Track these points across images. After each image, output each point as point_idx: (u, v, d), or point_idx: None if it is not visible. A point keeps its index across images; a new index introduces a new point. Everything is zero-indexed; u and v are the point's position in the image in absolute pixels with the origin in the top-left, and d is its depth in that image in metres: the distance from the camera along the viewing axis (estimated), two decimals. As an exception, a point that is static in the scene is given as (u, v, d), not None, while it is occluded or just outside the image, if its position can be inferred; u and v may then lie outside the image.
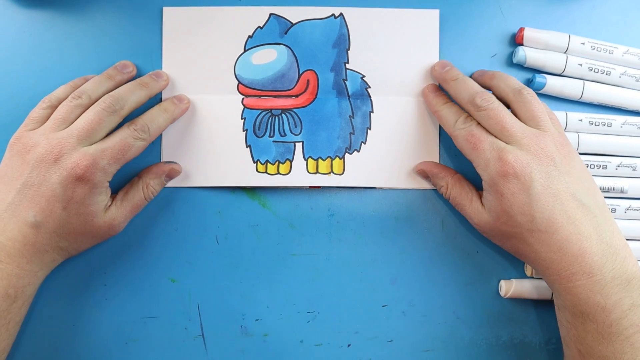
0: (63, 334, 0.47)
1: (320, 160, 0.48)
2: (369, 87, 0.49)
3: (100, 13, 0.49)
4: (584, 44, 0.48)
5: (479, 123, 0.44)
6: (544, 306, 0.49)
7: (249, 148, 0.48)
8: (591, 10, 0.50)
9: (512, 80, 0.46)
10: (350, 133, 0.48)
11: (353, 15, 0.49)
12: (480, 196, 0.45)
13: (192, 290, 0.48)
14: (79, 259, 0.46)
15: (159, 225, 0.48)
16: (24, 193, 0.41)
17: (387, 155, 0.49)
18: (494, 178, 0.41)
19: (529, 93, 0.44)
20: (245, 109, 0.48)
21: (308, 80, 0.48)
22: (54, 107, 0.44)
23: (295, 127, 0.48)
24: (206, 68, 0.48)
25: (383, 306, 0.49)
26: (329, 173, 0.48)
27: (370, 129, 0.48)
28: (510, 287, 0.47)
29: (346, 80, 0.49)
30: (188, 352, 0.48)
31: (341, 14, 0.49)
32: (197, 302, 0.48)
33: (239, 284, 0.48)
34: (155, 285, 0.48)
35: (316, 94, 0.48)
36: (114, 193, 0.45)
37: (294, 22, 0.48)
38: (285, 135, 0.48)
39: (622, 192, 0.49)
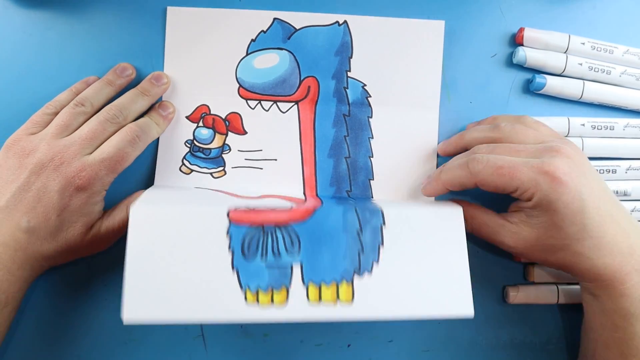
0: (63, 334, 0.47)
1: (323, 286, 0.39)
2: (370, 96, 0.49)
3: (101, 13, 0.48)
4: (584, 44, 0.49)
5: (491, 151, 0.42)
6: (544, 306, 0.49)
7: (235, 273, 0.38)
8: (591, 10, 0.50)
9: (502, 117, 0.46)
10: (359, 251, 0.39)
11: (357, 24, 0.48)
12: (505, 217, 0.42)
13: (193, 290, 0.48)
14: (79, 259, 0.46)
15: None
16: (19, 197, 0.40)
17: (407, 276, 0.39)
18: (548, 195, 0.38)
19: (504, 127, 0.43)
20: (232, 224, 0.39)
21: (309, 87, 0.48)
22: (57, 114, 0.44)
23: (292, 245, 0.39)
24: (208, 70, 0.48)
25: (383, 306, 0.49)
26: (335, 302, 0.38)
27: (382, 245, 0.39)
28: (516, 294, 0.47)
29: (347, 88, 0.48)
30: (188, 352, 0.48)
31: (345, 22, 0.48)
32: (197, 302, 0.48)
33: (239, 284, 0.48)
34: (155, 286, 0.48)
35: (317, 100, 0.48)
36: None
37: (297, 27, 0.48)
38: (281, 256, 0.39)
39: (625, 194, 0.49)
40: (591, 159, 0.48)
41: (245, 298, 0.37)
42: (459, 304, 0.39)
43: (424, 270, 0.39)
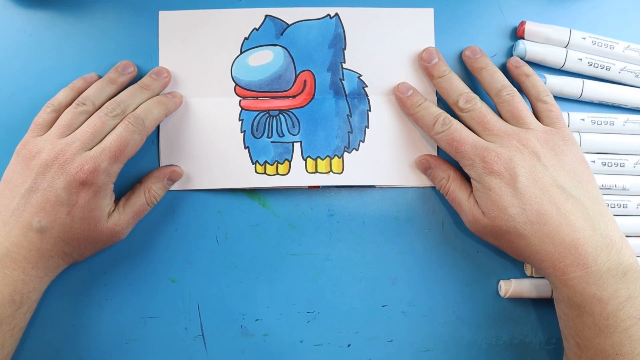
0: (63, 334, 0.47)
1: (319, 160, 0.48)
2: (366, 86, 0.49)
3: (100, 13, 0.49)
4: (584, 38, 0.48)
5: (458, 120, 0.45)
6: (544, 306, 0.49)
7: (247, 149, 0.48)
8: (591, 10, 0.50)
9: (497, 77, 0.46)
10: (349, 132, 0.48)
11: (348, 15, 0.48)
12: (470, 191, 0.45)
13: (192, 290, 0.48)
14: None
15: (159, 225, 0.48)
16: (28, 198, 0.41)
17: (387, 153, 0.48)
18: (481, 176, 0.42)
19: (508, 93, 0.45)
20: (243, 110, 0.48)
21: (305, 81, 0.48)
22: (57, 112, 0.44)
23: (294, 127, 0.48)
24: (203, 70, 0.48)
25: (383, 306, 0.49)
26: (328, 172, 0.48)
27: (368, 127, 0.48)
28: (509, 287, 0.47)
29: (343, 79, 0.48)
30: (188, 352, 0.48)
31: (336, 14, 0.48)
32: (197, 302, 0.48)
33: (239, 284, 0.48)
34: (155, 285, 0.48)
35: (313, 94, 0.48)
36: (118, 200, 0.45)
37: (289, 23, 0.48)
38: (284, 135, 0.48)
39: (623, 189, 0.48)
40: (590, 153, 0.48)
41: (256, 169, 0.47)
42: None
43: (400, 148, 0.48)
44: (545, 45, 0.48)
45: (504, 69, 0.49)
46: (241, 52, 0.48)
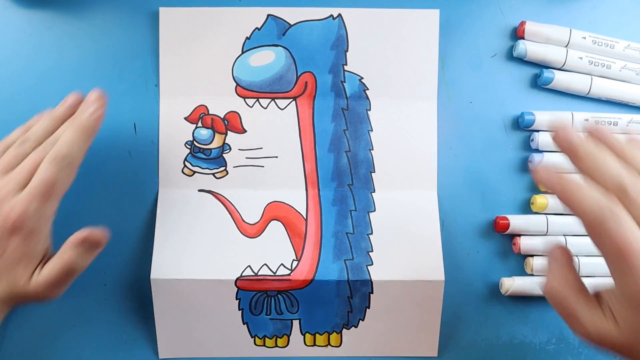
0: (63, 334, 0.47)
1: (317, 334, 0.48)
2: (367, 88, 0.48)
3: (100, 13, 0.48)
4: (585, 38, 0.48)
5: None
6: (544, 306, 0.49)
7: (245, 325, 0.48)
8: (591, 10, 0.50)
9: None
10: (348, 312, 0.48)
11: (351, 16, 0.48)
12: (598, 299, 0.34)
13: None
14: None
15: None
16: None
17: (386, 330, 0.48)
18: None
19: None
20: (240, 290, 0.47)
21: (306, 82, 0.48)
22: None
23: (292, 306, 0.48)
24: (204, 69, 0.48)
25: (383, 306, 0.49)
26: (326, 346, 0.48)
27: (369, 307, 0.48)
28: (510, 285, 0.47)
29: (344, 82, 0.48)
30: (188, 352, 0.48)
31: (339, 15, 0.48)
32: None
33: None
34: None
35: (314, 95, 0.48)
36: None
37: (292, 23, 0.48)
38: (282, 313, 0.48)
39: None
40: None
41: (254, 342, 0.48)
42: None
43: (398, 330, 0.48)
44: (546, 45, 0.48)
45: (506, 70, 0.49)
46: (242, 52, 0.48)
